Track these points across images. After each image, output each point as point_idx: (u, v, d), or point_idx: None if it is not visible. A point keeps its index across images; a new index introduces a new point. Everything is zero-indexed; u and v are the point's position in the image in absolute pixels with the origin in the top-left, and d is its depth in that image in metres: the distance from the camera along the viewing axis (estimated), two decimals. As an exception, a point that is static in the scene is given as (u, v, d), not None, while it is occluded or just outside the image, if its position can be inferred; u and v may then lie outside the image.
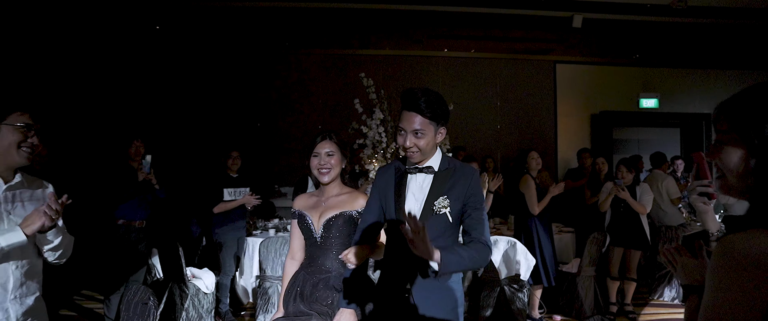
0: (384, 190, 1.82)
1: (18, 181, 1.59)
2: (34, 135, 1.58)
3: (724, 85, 7.35)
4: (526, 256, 3.77)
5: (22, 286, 1.53)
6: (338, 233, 1.97)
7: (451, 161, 1.79)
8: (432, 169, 1.74)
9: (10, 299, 1.50)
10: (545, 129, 7.17)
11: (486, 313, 3.81)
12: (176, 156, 5.71)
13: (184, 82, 6.57)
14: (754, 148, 0.84)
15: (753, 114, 0.84)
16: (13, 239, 1.41)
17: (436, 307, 1.70)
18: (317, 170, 2.01)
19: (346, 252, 1.76)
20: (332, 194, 2.06)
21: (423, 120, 1.67)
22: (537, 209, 3.90)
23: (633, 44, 7.29)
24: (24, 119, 1.56)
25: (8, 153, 1.53)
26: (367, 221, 1.86)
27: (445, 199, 1.68)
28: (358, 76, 4.44)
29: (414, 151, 1.69)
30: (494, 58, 7.19)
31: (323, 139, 2.05)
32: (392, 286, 1.76)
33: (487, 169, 5.92)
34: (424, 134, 1.67)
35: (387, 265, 1.83)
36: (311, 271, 2.00)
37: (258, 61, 6.83)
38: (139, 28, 6.37)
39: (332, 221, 1.97)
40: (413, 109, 1.68)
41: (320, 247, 1.99)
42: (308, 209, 2.05)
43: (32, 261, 1.58)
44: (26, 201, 1.58)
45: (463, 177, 1.72)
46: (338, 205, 2.01)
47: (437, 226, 1.69)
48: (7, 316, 1.49)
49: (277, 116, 6.79)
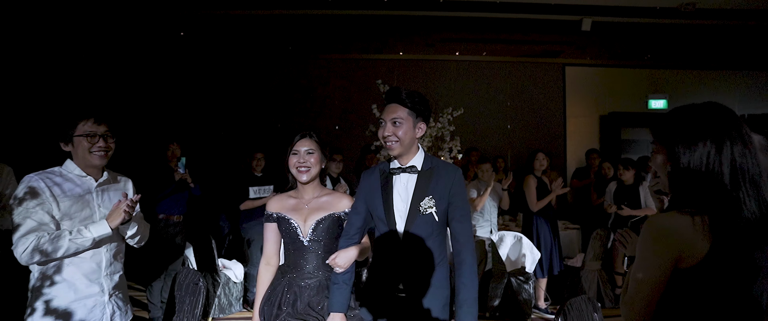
0: (370, 193, 1.81)
1: (105, 178, 1.92)
2: (100, 138, 1.83)
3: (732, 86, 7.47)
4: (532, 250, 4.03)
5: (111, 265, 1.87)
6: (327, 236, 1.90)
7: (433, 160, 1.81)
8: (415, 169, 1.77)
9: (103, 276, 1.84)
10: (555, 130, 7.37)
11: (494, 302, 4.08)
12: (207, 156, 6.10)
13: (212, 88, 6.97)
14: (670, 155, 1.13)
15: (669, 129, 1.14)
16: (101, 231, 1.74)
17: (429, 304, 1.73)
18: (296, 169, 1.92)
19: (334, 256, 1.73)
20: (313, 195, 1.97)
21: (402, 110, 1.73)
22: (536, 207, 4.14)
23: (641, 46, 7.44)
24: (88, 127, 1.82)
25: (86, 157, 1.83)
26: (353, 224, 1.84)
27: (431, 199, 1.71)
28: (373, 78, 4.74)
29: (393, 141, 1.73)
30: (505, 61, 7.42)
31: (303, 137, 1.97)
32: (384, 286, 1.78)
33: (498, 169, 6.17)
34: (402, 123, 1.72)
35: (378, 265, 1.82)
36: (297, 275, 1.90)
37: (279, 66, 7.19)
38: (171, 38, 6.77)
39: (321, 223, 1.89)
40: (394, 100, 1.75)
41: (307, 250, 1.90)
42: (289, 211, 1.93)
43: (118, 245, 1.93)
44: (112, 194, 1.91)
45: (446, 175, 1.75)
46: (324, 207, 1.93)
47: (425, 226, 1.72)
48: (102, 289, 1.84)
49: (297, 118, 7.13)
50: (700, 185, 1.09)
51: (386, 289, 1.76)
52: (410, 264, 1.73)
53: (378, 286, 1.80)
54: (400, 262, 1.74)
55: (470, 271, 1.72)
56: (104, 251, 1.84)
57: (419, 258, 1.73)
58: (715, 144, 1.09)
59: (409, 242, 1.72)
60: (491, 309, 4.08)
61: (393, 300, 1.75)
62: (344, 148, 5.67)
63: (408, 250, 1.73)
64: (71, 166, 1.85)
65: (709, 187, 1.08)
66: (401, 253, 1.73)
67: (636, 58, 7.48)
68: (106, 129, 1.85)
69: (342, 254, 1.74)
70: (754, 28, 7.05)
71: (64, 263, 1.75)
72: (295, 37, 7.15)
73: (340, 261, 1.72)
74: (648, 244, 1.10)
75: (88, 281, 1.79)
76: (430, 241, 1.73)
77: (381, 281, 1.79)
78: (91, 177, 1.87)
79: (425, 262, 1.74)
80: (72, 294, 1.76)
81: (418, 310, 1.73)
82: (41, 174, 1.79)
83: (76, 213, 1.78)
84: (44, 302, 1.72)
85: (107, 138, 1.85)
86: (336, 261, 1.72)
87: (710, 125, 1.11)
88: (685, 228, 1.06)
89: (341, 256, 1.73)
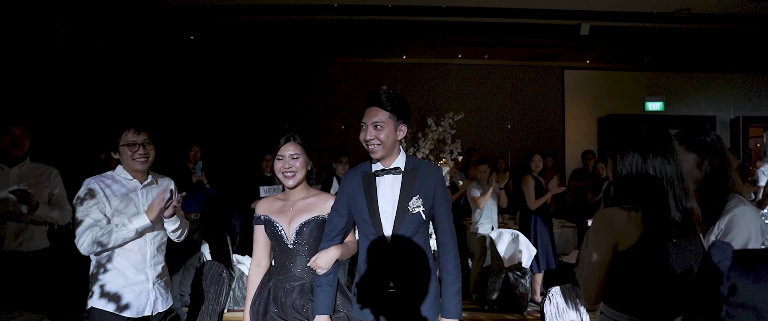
0: (353, 194, 1.81)
1: (149, 181, 2.18)
2: (140, 146, 2.08)
3: (727, 88, 7.67)
4: (528, 247, 4.25)
5: (154, 257, 2.13)
6: (311, 238, 1.90)
7: (414, 160, 1.84)
8: (399, 170, 1.80)
9: (148, 266, 2.11)
10: (554, 131, 7.60)
11: (493, 296, 4.31)
12: (220, 157, 6.36)
13: (224, 92, 7.26)
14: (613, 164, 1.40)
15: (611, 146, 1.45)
16: (141, 222, 1.99)
17: (420, 298, 1.78)
18: (282, 174, 1.91)
19: (315, 258, 1.74)
20: (299, 197, 1.96)
21: (383, 113, 1.74)
22: (534, 206, 4.38)
23: (638, 50, 7.65)
24: (129, 137, 2.07)
25: (130, 164, 2.09)
26: (334, 225, 1.84)
27: (419, 199, 1.75)
28: (378, 81, 4.98)
29: (375, 144, 1.74)
30: (506, 64, 7.65)
31: (287, 141, 1.93)
32: (374, 285, 1.79)
33: (499, 169, 6.40)
34: (383, 126, 1.73)
35: (366, 265, 1.82)
36: (282, 278, 1.91)
37: (288, 70, 7.45)
38: (183, 45, 7.03)
39: (305, 226, 1.89)
40: (374, 104, 1.75)
41: (292, 253, 1.90)
42: (275, 214, 1.94)
43: (161, 237, 2.18)
44: (155, 193, 2.15)
45: (429, 174, 1.79)
46: (308, 209, 1.93)
47: (412, 224, 1.76)
48: (146, 277, 2.10)
49: (305, 120, 7.40)
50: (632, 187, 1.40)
51: (377, 288, 1.79)
52: (400, 262, 1.77)
53: (368, 286, 1.81)
54: (389, 262, 1.77)
55: (455, 261, 1.81)
56: (149, 245, 2.10)
57: (408, 255, 1.78)
58: (641, 156, 1.38)
59: (398, 241, 1.76)
60: (490, 302, 4.32)
61: (384, 298, 1.78)
62: (350, 149, 5.91)
63: (397, 249, 1.77)
64: (121, 171, 2.13)
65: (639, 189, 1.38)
66: (390, 252, 1.77)
67: (633, 62, 7.69)
68: (146, 137, 2.11)
69: (322, 255, 1.74)
70: (747, 32, 7.24)
71: (115, 254, 2.02)
72: (303, 42, 7.40)
73: (321, 262, 1.73)
74: (595, 232, 1.42)
75: (135, 270, 2.06)
76: (417, 238, 1.78)
77: (371, 281, 1.80)
78: (136, 179, 2.14)
79: (414, 258, 1.79)
80: (122, 281, 2.03)
81: (411, 305, 1.77)
82: (97, 178, 2.07)
83: (124, 210, 2.04)
84: (100, 286, 2.00)
85: (146, 145, 2.10)
86: (317, 262, 1.73)
87: (637, 142, 1.41)
88: (621, 220, 1.36)
89: (322, 258, 1.74)
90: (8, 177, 2.59)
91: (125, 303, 2.02)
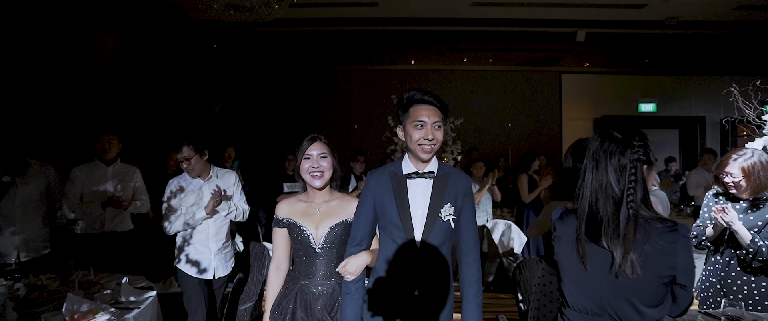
0: (381, 196, 1.73)
1: (210, 176, 2.85)
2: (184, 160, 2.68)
3: (716, 91, 8.10)
4: (520, 235, 4.84)
5: (216, 234, 2.82)
6: (339, 242, 1.86)
7: (446, 167, 1.79)
8: (433, 174, 1.72)
9: (212, 241, 2.80)
10: (552, 132, 8.13)
11: (489, 278, 4.91)
12: (247, 156, 7.03)
13: (250, 98, 7.91)
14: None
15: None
16: (199, 215, 2.70)
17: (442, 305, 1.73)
18: (309, 174, 1.86)
19: (344, 264, 1.68)
20: (324, 200, 1.91)
21: (440, 114, 1.69)
22: (528, 199, 4.96)
23: (632, 55, 8.11)
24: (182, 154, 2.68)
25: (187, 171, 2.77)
26: (360, 228, 1.76)
27: (450, 207, 1.69)
28: (388, 86, 5.54)
29: (433, 145, 1.67)
30: (507, 69, 8.20)
31: (314, 141, 1.91)
32: (397, 290, 1.72)
33: (500, 167, 6.94)
34: (440, 127, 1.68)
35: (392, 270, 1.73)
36: (309, 283, 1.86)
37: (306, 76, 8.09)
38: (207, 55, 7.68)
39: (334, 230, 1.85)
40: (431, 103, 1.68)
41: (320, 257, 1.86)
42: (299, 217, 1.88)
43: (221, 221, 2.86)
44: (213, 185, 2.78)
45: (459, 182, 1.74)
46: (336, 212, 1.88)
47: (442, 232, 1.69)
48: (209, 249, 2.79)
49: (321, 123, 8.03)
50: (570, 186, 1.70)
51: (400, 293, 1.71)
52: (427, 268, 1.69)
53: (389, 291, 1.73)
54: (416, 267, 1.69)
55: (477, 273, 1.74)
56: (212, 224, 2.81)
57: (435, 262, 1.71)
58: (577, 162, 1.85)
59: (426, 248, 1.69)
60: (486, 284, 4.92)
61: (408, 304, 1.70)
62: (363, 148, 6.51)
63: (425, 255, 1.69)
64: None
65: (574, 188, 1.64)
66: (418, 258, 1.69)
67: (627, 66, 8.16)
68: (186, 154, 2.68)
69: (352, 261, 1.68)
70: (734, 37, 7.65)
71: (193, 231, 2.76)
72: (320, 51, 7.98)
73: (351, 268, 1.66)
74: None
75: (202, 245, 2.79)
76: (444, 248, 1.71)
77: (393, 285, 1.72)
78: (200, 178, 2.83)
79: (440, 266, 1.72)
80: (194, 251, 2.76)
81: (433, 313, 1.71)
82: (179, 177, 2.80)
83: (192, 200, 2.76)
84: (182, 254, 2.75)
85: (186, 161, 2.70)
86: (346, 268, 1.66)
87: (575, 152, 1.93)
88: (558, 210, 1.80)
89: (351, 263, 1.67)
90: (106, 174, 3.31)
91: (196, 267, 2.75)
